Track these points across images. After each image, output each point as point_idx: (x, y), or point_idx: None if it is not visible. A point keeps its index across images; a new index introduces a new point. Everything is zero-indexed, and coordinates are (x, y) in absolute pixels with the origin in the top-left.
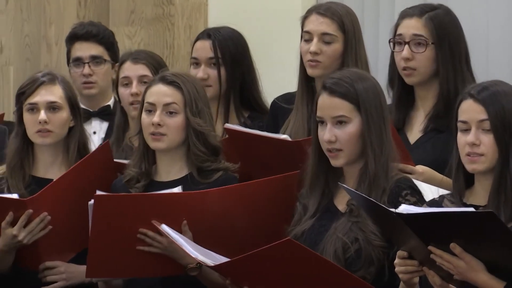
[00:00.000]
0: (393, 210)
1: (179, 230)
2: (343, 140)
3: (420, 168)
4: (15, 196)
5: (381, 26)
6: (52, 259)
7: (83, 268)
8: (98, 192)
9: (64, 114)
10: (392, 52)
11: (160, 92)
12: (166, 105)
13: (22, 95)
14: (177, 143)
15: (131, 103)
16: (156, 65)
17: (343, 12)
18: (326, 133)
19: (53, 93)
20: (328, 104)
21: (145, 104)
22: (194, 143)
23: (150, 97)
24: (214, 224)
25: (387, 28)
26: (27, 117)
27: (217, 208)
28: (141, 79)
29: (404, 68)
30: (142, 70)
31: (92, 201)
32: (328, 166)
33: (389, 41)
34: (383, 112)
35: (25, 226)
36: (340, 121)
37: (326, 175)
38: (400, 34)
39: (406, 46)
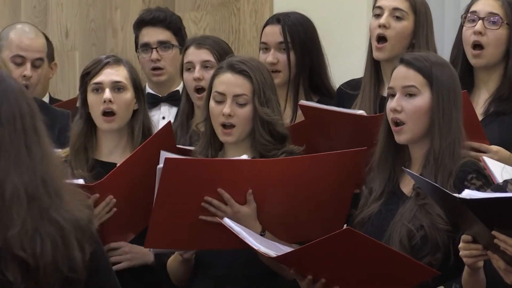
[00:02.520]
0: (456, 195)
1: (244, 199)
2: (408, 111)
3: (494, 147)
4: (80, 181)
5: (446, 19)
6: (115, 240)
7: (146, 249)
8: (168, 155)
9: (129, 95)
10: (458, 33)
11: (230, 82)
12: (236, 96)
13: (86, 75)
14: (245, 134)
15: (195, 88)
16: (221, 51)
17: None
18: (393, 102)
19: (118, 73)
20: (401, 74)
21: (213, 93)
22: (261, 133)
23: (219, 86)
24: (278, 194)
25: (452, 22)
26: (91, 97)
27: (284, 178)
28: (204, 64)
29: (474, 46)
30: (205, 55)
31: (160, 165)
32: (396, 147)
33: (461, 17)
34: (456, 99)
35: None
36: (409, 93)
37: (393, 157)
38: (475, 11)
39: (480, 21)
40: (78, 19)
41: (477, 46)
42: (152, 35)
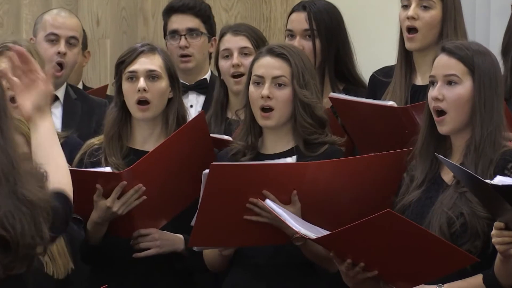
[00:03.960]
0: (488, 181)
1: (289, 200)
2: (450, 100)
3: None
4: (108, 169)
5: (477, 6)
6: (145, 226)
7: (176, 236)
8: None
9: (163, 83)
10: (510, 20)
11: (269, 65)
12: (275, 77)
13: (121, 64)
14: (285, 118)
15: (232, 75)
16: (257, 38)
17: None
18: (434, 90)
19: (153, 62)
20: (443, 63)
21: (253, 77)
22: (302, 115)
23: (258, 70)
24: (323, 196)
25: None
26: (126, 86)
27: (327, 180)
28: (242, 51)
29: None
30: (242, 41)
31: (206, 171)
32: (438, 135)
33: (511, 5)
34: (497, 87)
35: (119, 197)
36: (450, 81)
37: (435, 145)
38: None
39: None
40: (109, 7)
41: None
42: (181, 22)
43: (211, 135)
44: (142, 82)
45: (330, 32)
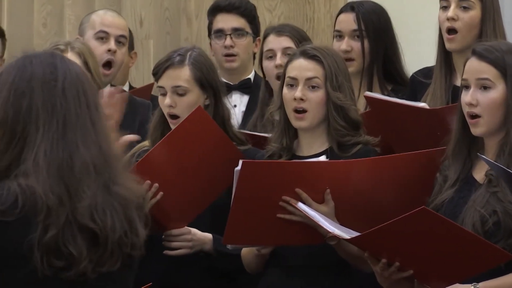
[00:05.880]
0: None
1: (322, 199)
2: (483, 104)
3: None
4: None
5: None
6: (173, 222)
7: (206, 236)
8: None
9: (191, 97)
10: None
11: (302, 67)
12: (308, 79)
13: (155, 75)
14: (318, 120)
15: (277, 76)
16: (300, 38)
17: None
18: (468, 96)
19: (179, 77)
20: (474, 67)
21: (286, 79)
22: (334, 117)
23: (291, 72)
24: (356, 194)
25: None
26: (159, 98)
27: (361, 179)
28: (285, 51)
29: None
30: (286, 42)
31: (238, 167)
32: (471, 136)
33: None
34: None
35: None
36: (483, 85)
37: (469, 145)
38: None
39: None
40: (152, 7)
41: None
42: (227, 21)
43: (250, 132)
44: (168, 99)
45: (379, 33)
